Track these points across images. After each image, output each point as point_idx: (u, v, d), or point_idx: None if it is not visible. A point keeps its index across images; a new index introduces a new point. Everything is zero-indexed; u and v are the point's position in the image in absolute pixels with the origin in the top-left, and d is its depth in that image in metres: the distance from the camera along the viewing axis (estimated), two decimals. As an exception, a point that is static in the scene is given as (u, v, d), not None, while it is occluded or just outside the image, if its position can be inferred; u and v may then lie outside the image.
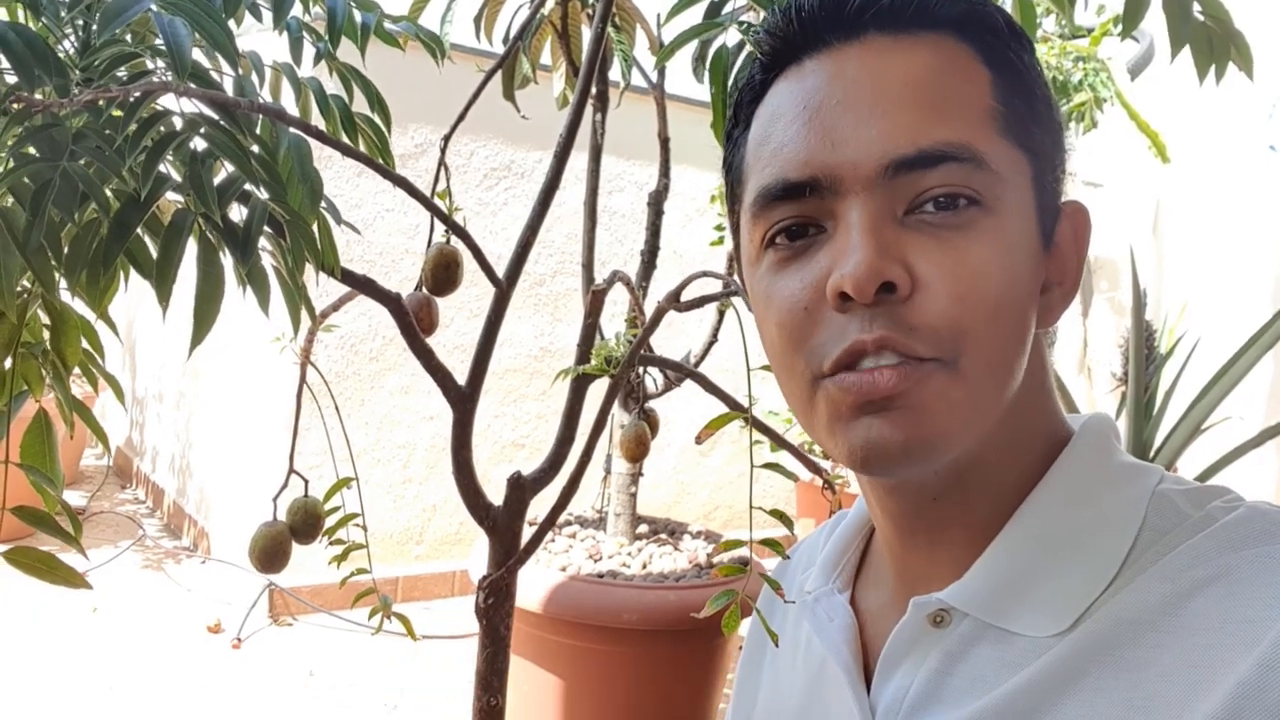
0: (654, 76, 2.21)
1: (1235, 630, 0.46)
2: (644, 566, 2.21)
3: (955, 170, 0.51)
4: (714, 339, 2.28)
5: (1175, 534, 0.52)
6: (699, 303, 1.07)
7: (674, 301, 1.03)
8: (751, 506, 0.81)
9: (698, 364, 2.20)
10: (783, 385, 0.57)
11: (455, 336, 3.61)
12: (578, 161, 1.91)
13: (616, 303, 3.75)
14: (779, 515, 0.81)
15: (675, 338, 4.05)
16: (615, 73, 1.96)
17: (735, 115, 0.61)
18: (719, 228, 3.91)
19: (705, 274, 1.07)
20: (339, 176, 3.35)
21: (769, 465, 0.82)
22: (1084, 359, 4.55)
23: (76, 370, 1.08)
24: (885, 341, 0.50)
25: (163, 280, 0.86)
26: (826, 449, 0.55)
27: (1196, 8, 1.04)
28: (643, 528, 2.44)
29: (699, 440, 0.84)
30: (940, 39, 0.54)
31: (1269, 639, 0.44)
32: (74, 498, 4.48)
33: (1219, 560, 0.49)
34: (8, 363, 0.98)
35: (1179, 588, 0.49)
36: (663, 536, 2.42)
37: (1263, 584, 0.47)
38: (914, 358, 0.50)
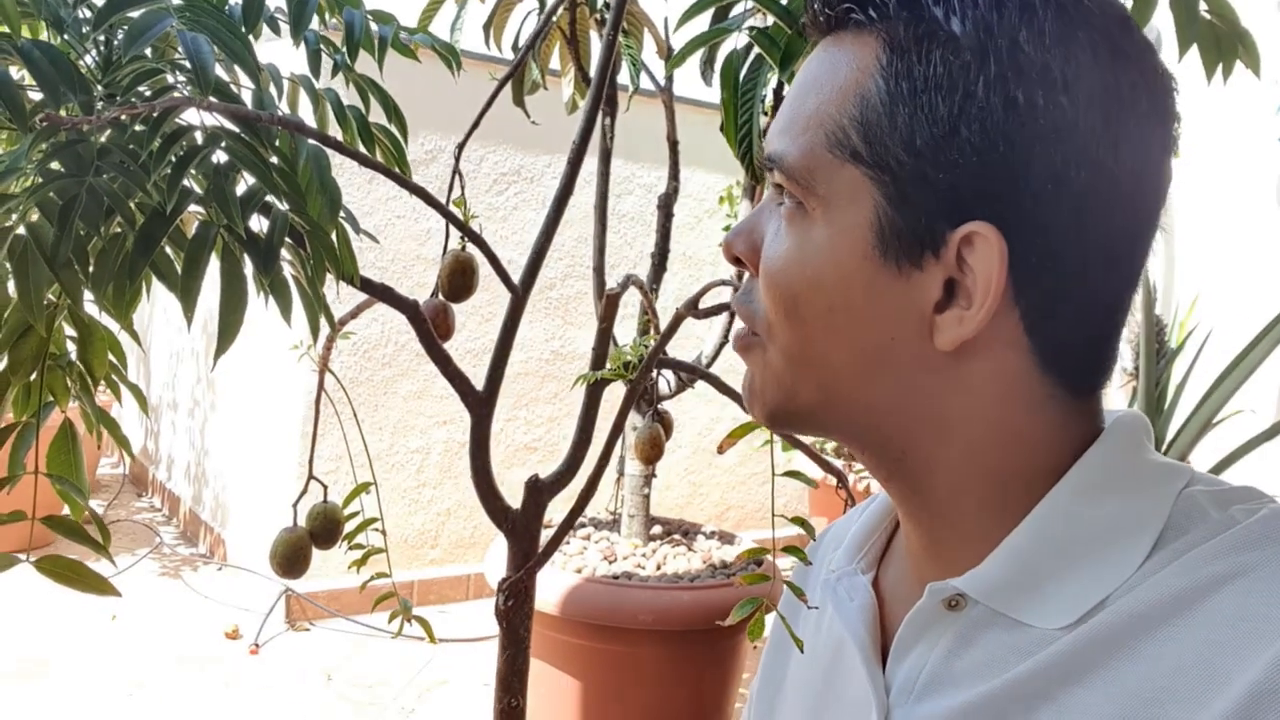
0: (662, 80, 2.23)
1: (1250, 628, 0.46)
2: (658, 567, 2.22)
3: (781, 175, 0.57)
4: (725, 340, 2.29)
5: (1195, 533, 0.52)
6: (716, 310, 1.08)
7: (692, 309, 1.05)
8: (774, 514, 0.82)
9: (709, 365, 2.21)
10: None
11: (469, 341, 3.63)
12: (587, 165, 1.92)
13: (628, 304, 3.76)
14: (800, 522, 0.82)
15: (687, 339, 4.06)
16: (624, 76, 1.97)
17: None
18: (728, 229, 3.91)
19: (723, 283, 1.08)
20: (351, 184, 3.37)
21: (791, 474, 0.83)
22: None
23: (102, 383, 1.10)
24: (742, 319, 0.63)
25: (188, 292, 0.87)
26: None
27: (1203, 6, 1.05)
28: (657, 529, 2.45)
29: (721, 451, 0.85)
30: (864, 42, 0.55)
31: None
32: (91, 506, 4.51)
33: (1236, 558, 0.49)
34: (34, 374, 1.00)
35: (1195, 583, 0.49)
36: (676, 537, 2.43)
37: (1279, 583, 0.47)
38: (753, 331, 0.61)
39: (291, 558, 1.31)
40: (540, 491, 1.21)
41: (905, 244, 0.54)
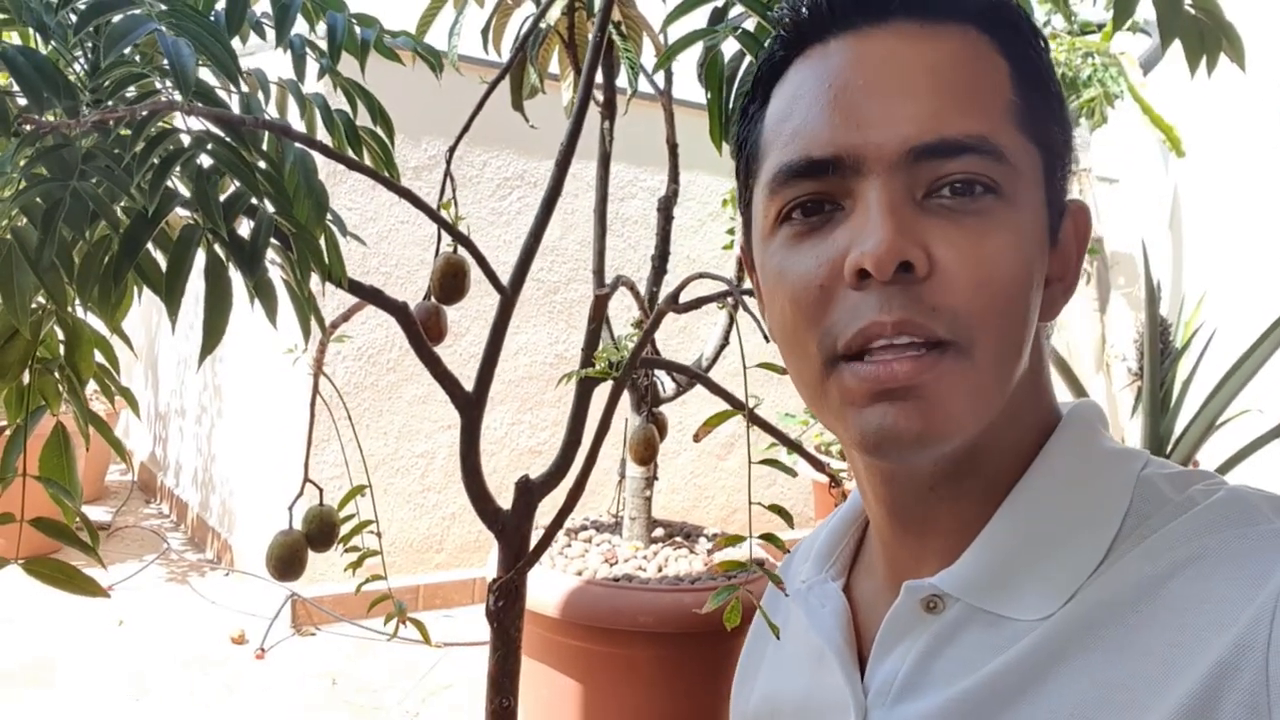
0: (661, 83, 2.23)
1: (1212, 610, 0.47)
2: (659, 570, 2.22)
3: (975, 161, 0.52)
4: (725, 342, 2.28)
5: (1157, 518, 0.53)
6: (698, 304, 1.08)
7: (673, 303, 1.05)
8: (750, 502, 0.83)
9: (709, 368, 2.21)
10: (791, 365, 0.57)
11: (471, 346, 3.64)
12: (591, 169, 1.92)
13: (630, 309, 3.77)
14: (778, 510, 0.82)
15: (689, 343, 4.06)
16: (623, 80, 1.97)
17: (754, 90, 0.62)
18: (730, 231, 3.91)
19: (704, 275, 1.08)
20: (353, 190, 3.38)
21: (767, 461, 0.83)
22: (1102, 355, 4.53)
23: (97, 388, 1.10)
24: (904, 326, 0.50)
25: (172, 294, 0.88)
26: (835, 432, 0.55)
27: (1187, 0, 1.05)
28: (658, 531, 2.45)
29: (697, 438, 0.86)
30: (965, 30, 0.55)
31: (1244, 619, 0.45)
32: (99, 513, 4.54)
33: (1197, 542, 0.50)
34: (24, 378, 1.01)
35: (1158, 569, 0.50)
36: (678, 540, 2.43)
37: (1239, 565, 0.48)
38: (931, 340, 0.51)
39: (288, 560, 1.32)
40: (530, 492, 1.21)
41: (1054, 219, 0.57)
